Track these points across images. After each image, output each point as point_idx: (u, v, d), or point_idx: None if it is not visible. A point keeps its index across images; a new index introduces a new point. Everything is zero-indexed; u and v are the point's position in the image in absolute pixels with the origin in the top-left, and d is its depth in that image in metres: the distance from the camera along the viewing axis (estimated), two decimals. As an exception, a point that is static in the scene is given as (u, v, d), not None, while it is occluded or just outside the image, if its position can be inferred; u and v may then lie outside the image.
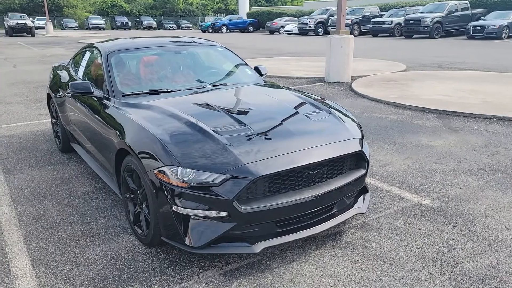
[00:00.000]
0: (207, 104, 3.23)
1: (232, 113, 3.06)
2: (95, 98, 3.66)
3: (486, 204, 3.53)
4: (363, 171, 2.99)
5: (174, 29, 54.33)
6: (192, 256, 2.85)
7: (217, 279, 2.61)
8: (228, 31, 42.33)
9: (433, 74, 10.68)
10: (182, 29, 55.21)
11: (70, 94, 4.29)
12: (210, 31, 43.23)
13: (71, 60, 4.99)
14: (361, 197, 3.15)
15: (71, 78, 4.50)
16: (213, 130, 2.76)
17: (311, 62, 14.19)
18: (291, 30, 34.79)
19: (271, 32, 37.44)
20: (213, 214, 2.51)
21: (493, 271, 2.62)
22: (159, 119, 2.96)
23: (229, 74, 4.19)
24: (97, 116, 3.53)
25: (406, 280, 2.54)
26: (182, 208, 2.55)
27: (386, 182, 4.05)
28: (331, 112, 3.24)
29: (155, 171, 2.60)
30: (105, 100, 3.53)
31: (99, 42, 4.35)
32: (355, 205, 3.05)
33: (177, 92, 3.58)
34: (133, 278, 2.65)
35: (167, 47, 4.15)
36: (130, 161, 2.92)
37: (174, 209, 2.57)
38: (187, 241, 2.58)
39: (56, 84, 4.89)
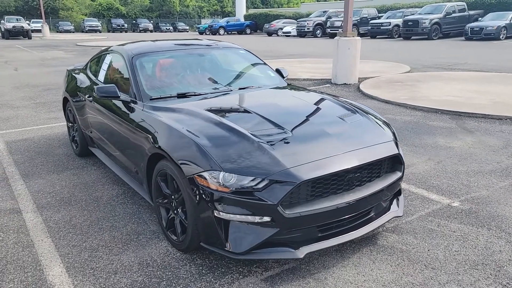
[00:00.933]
0: (240, 107, 3.20)
1: (266, 116, 3.03)
2: (120, 102, 3.61)
3: (517, 206, 3.52)
4: (399, 174, 2.97)
5: (171, 31, 54.32)
6: (229, 261, 2.82)
7: (258, 286, 2.57)
8: (225, 33, 42.35)
9: (438, 75, 10.70)
10: (179, 31, 55.19)
11: (91, 98, 4.25)
12: (208, 33, 43.21)
13: (88, 64, 4.94)
14: (395, 200, 3.13)
15: (92, 82, 4.44)
16: (251, 134, 2.73)
17: (314, 63, 14.19)
18: (289, 32, 34.84)
19: (269, 34, 37.47)
20: (257, 219, 2.48)
21: (537, 274, 2.61)
22: (194, 123, 2.93)
23: (253, 76, 4.16)
24: (124, 121, 3.49)
25: (451, 285, 2.52)
26: (224, 213, 2.51)
27: (412, 184, 4.04)
28: (364, 115, 3.22)
29: (195, 176, 2.57)
30: (132, 104, 3.49)
31: (119, 46, 4.30)
32: (391, 208, 3.02)
33: (205, 95, 3.55)
34: (173, 285, 2.61)
35: (190, 50, 4.11)
36: (165, 166, 2.88)
37: (215, 214, 2.53)
38: (228, 247, 2.55)
39: (74, 88, 4.83)
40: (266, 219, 2.47)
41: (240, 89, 3.76)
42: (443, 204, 3.60)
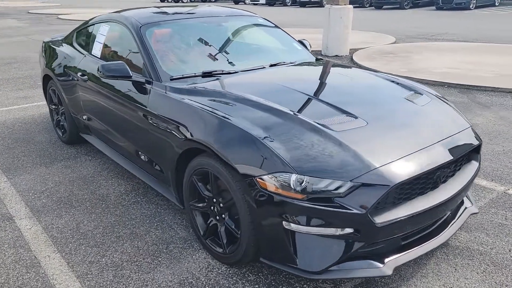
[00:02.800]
0: (287, 88, 2.66)
1: (325, 99, 2.51)
2: (130, 83, 2.97)
3: None
4: (476, 165, 2.56)
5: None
6: (289, 277, 2.36)
7: (335, 307, 2.14)
8: (189, 0, 40.51)
9: (426, 46, 10.43)
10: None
11: (86, 77, 3.55)
12: (170, 0, 41.22)
13: (73, 35, 4.18)
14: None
15: (86, 58, 3.71)
16: (319, 124, 2.21)
17: (296, 34, 13.58)
18: (258, 0, 33.67)
19: (236, 2, 36.09)
20: (338, 231, 2.01)
21: None
22: (242, 109, 2.37)
23: (281, 50, 3.59)
24: (138, 106, 2.87)
25: (556, 294, 2.19)
26: (295, 225, 2.02)
27: (454, 168, 3.69)
28: (430, 95, 2.78)
29: (257, 179, 2.05)
30: (147, 85, 2.87)
31: (116, 13, 3.60)
32: (465, 204, 2.64)
33: (235, 74, 2.97)
34: (231, 312, 2.13)
35: (205, 19, 3.48)
36: (205, 163, 2.33)
37: (284, 225, 2.04)
38: (300, 265, 2.07)
39: (58, 63, 4.07)
40: (349, 230, 2.00)
41: (271, 65, 3.19)
42: (499, 191, 3.27)
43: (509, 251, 2.55)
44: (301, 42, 3.88)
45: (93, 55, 3.65)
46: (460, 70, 7.49)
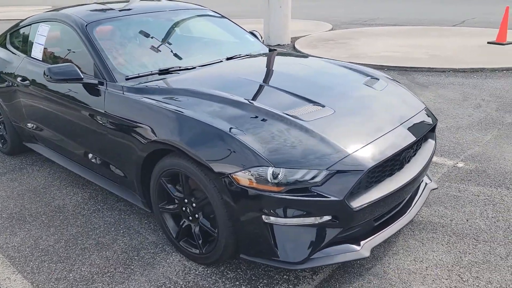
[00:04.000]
0: (250, 81, 2.63)
1: (290, 89, 2.51)
2: (81, 86, 2.79)
3: (515, 160, 3.55)
4: (433, 142, 2.71)
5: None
6: (268, 270, 2.36)
7: (318, 294, 2.18)
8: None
9: (363, 31, 10.83)
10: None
11: (27, 82, 3.29)
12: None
13: (7, 37, 3.84)
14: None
15: (25, 61, 3.43)
16: (289, 115, 2.22)
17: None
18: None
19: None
20: (316, 220, 2.03)
21: None
22: (207, 105, 2.31)
23: (234, 42, 3.54)
24: (92, 109, 2.70)
25: (513, 256, 2.38)
26: (274, 218, 2.02)
27: (406, 148, 3.88)
28: (386, 79, 2.88)
29: (233, 175, 2.01)
30: (100, 87, 2.71)
31: (56, 12, 3.35)
32: (424, 182, 2.78)
33: (194, 69, 2.88)
34: (216, 312, 2.09)
35: (154, 13, 3.33)
36: (175, 164, 2.26)
37: (264, 219, 2.03)
38: (282, 257, 2.08)
39: (-8, 68, 3.73)
40: (327, 218, 2.04)
41: (228, 59, 3.14)
42: (449, 166, 3.49)
43: (467, 220, 2.73)
44: (252, 33, 3.85)
45: (33, 57, 3.38)
46: (397, 53, 7.86)
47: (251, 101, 2.33)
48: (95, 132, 2.74)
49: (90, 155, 2.93)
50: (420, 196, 2.61)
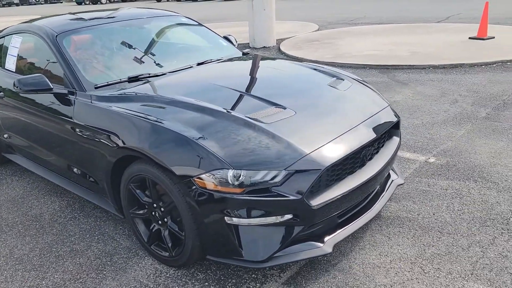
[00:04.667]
0: (216, 86, 2.69)
1: (254, 93, 2.58)
2: (52, 96, 2.85)
3: (485, 153, 3.62)
4: (397, 140, 2.77)
5: (42, 3, 48.49)
6: (238, 270, 2.41)
7: (284, 291, 2.23)
8: (108, 1, 39.19)
9: (348, 31, 10.92)
10: (51, 2, 49.60)
11: (1, 94, 3.33)
12: (88, 2, 39.60)
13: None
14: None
15: (-2, 73, 3.48)
16: (250, 118, 2.28)
17: (222, 28, 13.58)
18: (181, -4, 33.15)
19: (158, 0, 35.30)
20: (278, 219, 2.09)
21: (542, 220, 2.65)
22: (172, 112, 2.37)
23: (207, 48, 3.60)
24: (63, 118, 2.76)
25: (475, 248, 2.44)
26: (237, 219, 2.08)
27: (381, 145, 3.94)
28: (351, 80, 2.95)
29: (195, 179, 2.07)
30: (70, 96, 2.76)
31: (27, 23, 3.40)
32: (391, 177, 2.85)
33: (163, 76, 2.94)
34: (183, 313, 2.14)
35: (126, 22, 3.39)
36: (142, 169, 2.31)
37: (227, 220, 2.09)
38: (246, 256, 2.13)
39: (-32, 81, 3.77)
40: (288, 216, 2.10)
41: (199, 64, 3.20)
42: (421, 161, 3.56)
43: (433, 214, 2.80)
44: (226, 38, 3.92)
45: (6, 69, 3.42)
46: (380, 52, 7.95)
47: (214, 105, 2.39)
48: (67, 141, 2.79)
49: (64, 163, 2.98)
50: (386, 192, 2.68)
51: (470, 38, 8.53)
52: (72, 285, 2.38)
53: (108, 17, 3.39)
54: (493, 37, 8.31)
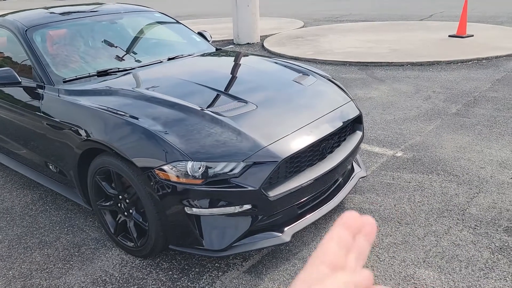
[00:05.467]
0: (182, 80, 2.75)
1: (218, 87, 2.65)
2: (22, 90, 2.88)
3: (451, 147, 3.73)
4: (360, 134, 2.86)
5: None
6: (201, 259, 2.49)
7: (244, 279, 2.31)
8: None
9: (332, 28, 11.02)
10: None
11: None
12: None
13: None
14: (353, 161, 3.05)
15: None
16: (212, 112, 2.34)
17: (207, 25, 13.59)
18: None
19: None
20: (236, 209, 2.17)
21: (496, 211, 2.76)
22: (136, 105, 2.43)
23: (179, 43, 3.65)
24: (31, 112, 2.80)
25: (430, 237, 2.55)
26: (197, 209, 2.15)
27: (352, 140, 4.04)
28: (316, 75, 3.02)
29: (155, 170, 2.13)
30: (39, 90, 2.80)
31: (1, 17, 3.42)
32: (355, 170, 2.94)
33: (132, 70, 2.99)
34: (145, 300, 2.21)
35: (98, 17, 3.42)
36: (106, 162, 2.37)
37: (187, 211, 2.15)
38: (207, 245, 2.21)
39: None
40: (247, 207, 2.17)
41: (169, 59, 3.25)
42: (388, 155, 3.66)
43: (394, 206, 2.90)
44: (200, 33, 3.97)
45: (-23, 63, 3.44)
46: (361, 49, 8.05)
47: (178, 99, 2.45)
48: (37, 135, 2.83)
49: (36, 157, 3.02)
50: (347, 184, 2.77)
51: (449, 36, 8.67)
52: (39, 274, 2.43)
53: (80, 12, 3.42)
54: (472, 35, 8.47)
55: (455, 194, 2.99)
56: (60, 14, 3.32)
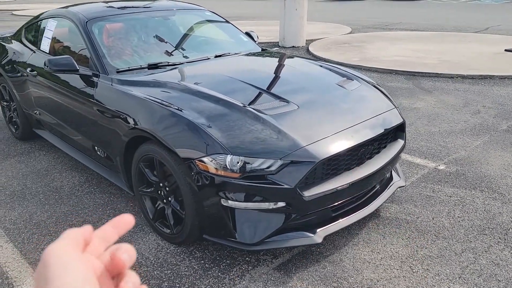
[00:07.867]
0: (228, 77, 2.83)
1: (262, 86, 2.70)
2: (78, 77, 3.06)
3: (498, 164, 3.59)
4: (402, 142, 2.82)
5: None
6: (233, 252, 2.54)
7: (273, 276, 2.34)
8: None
9: (380, 36, 10.84)
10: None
11: (35, 73, 3.59)
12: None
13: (22, 31, 4.18)
14: (393, 170, 3.01)
15: (34, 53, 3.75)
16: (254, 109, 2.40)
17: (253, 26, 13.74)
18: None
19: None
20: (271, 205, 2.21)
21: (541, 233, 2.64)
22: (183, 98, 2.52)
23: (227, 41, 3.75)
24: (86, 99, 2.96)
25: (468, 254, 2.47)
26: (232, 202, 2.21)
27: (393, 149, 3.97)
28: (361, 80, 3.01)
29: (196, 161, 2.21)
30: (94, 78, 2.96)
31: (63, 9, 3.65)
32: (393, 178, 2.90)
33: (181, 65, 3.11)
34: (177, 285, 2.29)
35: (152, 13, 3.58)
36: (151, 150, 2.48)
37: (222, 203, 2.22)
38: (239, 238, 2.26)
39: (8, 60, 4.08)
40: (281, 204, 2.21)
41: (216, 56, 3.35)
42: (430, 168, 3.58)
43: (432, 219, 2.83)
44: (248, 33, 4.05)
45: (42, 50, 3.69)
46: (408, 58, 7.88)
47: (222, 95, 2.53)
48: (89, 120, 3.00)
49: (84, 140, 3.20)
50: (385, 192, 2.74)
51: (506, 50, 8.31)
52: (80, 251, 2.57)
53: (137, 7, 3.58)
54: (530, 51, 8.08)
55: (499, 212, 2.88)
56: (117, 8, 3.50)
